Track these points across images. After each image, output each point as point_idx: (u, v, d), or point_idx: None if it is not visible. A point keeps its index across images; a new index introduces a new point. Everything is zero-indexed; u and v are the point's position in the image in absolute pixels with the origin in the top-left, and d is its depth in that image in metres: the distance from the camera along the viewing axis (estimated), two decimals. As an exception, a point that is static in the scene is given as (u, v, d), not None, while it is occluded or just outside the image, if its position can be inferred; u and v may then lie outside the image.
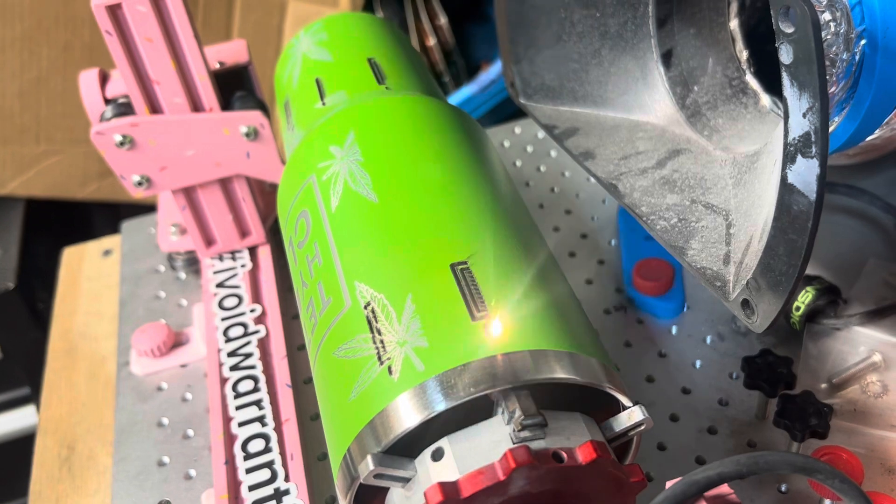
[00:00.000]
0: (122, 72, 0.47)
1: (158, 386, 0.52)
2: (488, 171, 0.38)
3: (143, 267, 0.61)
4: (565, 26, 0.47)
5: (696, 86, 0.46)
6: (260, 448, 0.45)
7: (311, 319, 0.35)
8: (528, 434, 0.28)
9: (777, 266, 0.31)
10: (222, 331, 0.51)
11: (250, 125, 0.50)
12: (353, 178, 0.36)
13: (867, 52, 0.36)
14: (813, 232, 0.29)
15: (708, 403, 0.46)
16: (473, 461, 0.28)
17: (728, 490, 0.29)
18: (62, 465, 0.51)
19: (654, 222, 0.40)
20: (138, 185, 0.51)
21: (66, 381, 0.56)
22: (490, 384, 0.28)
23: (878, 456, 0.43)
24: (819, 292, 0.47)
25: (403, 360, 0.30)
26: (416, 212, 0.34)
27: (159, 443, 0.48)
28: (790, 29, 0.27)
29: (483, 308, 0.30)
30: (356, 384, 0.31)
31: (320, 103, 0.42)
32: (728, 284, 0.35)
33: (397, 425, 0.29)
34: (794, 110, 0.28)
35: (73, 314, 0.61)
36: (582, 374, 0.30)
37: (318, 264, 0.35)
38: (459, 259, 0.32)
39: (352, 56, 0.45)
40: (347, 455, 0.30)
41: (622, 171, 0.43)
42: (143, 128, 0.49)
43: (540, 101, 0.49)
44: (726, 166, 0.41)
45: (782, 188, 0.29)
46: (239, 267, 0.55)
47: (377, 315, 0.31)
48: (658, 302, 0.51)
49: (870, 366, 0.46)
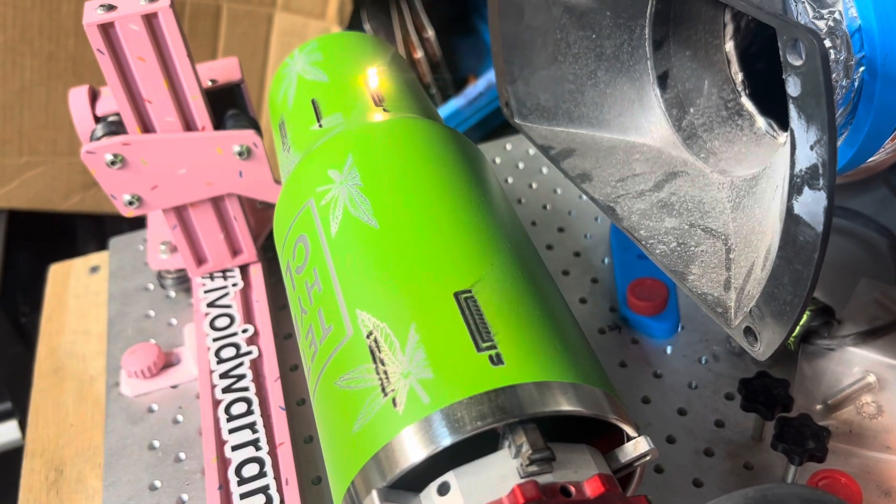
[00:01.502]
0: (113, 91, 0.47)
1: (149, 407, 0.51)
2: (488, 196, 0.38)
3: (132, 285, 0.60)
4: (561, 47, 0.47)
5: (692, 108, 0.46)
6: (254, 472, 0.44)
7: (311, 347, 0.35)
8: (535, 469, 0.28)
9: (781, 295, 0.31)
10: (214, 351, 0.51)
11: (243, 144, 0.49)
12: (352, 204, 0.36)
13: (866, 79, 0.36)
14: (819, 263, 0.29)
15: (704, 425, 0.46)
16: (481, 496, 0.28)
17: (735, 522, 0.29)
18: (50, 488, 0.50)
19: (654, 246, 0.40)
20: (129, 204, 0.50)
21: (53, 401, 0.55)
22: (497, 418, 0.28)
23: (874, 478, 0.43)
24: (814, 313, 0.48)
25: (408, 392, 0.29)
26: (419, 238, 0.34)
27: (151, 466, 0.48)
28: (798, 62, 0.27)
29: (488, 338, 0.30)
30: (359, 416, 0.30)
31: (317, 125, 0.42)
32: (729, 311, 0.35)
33: (403, 460, 0.28)
34: (801, 142, 0.28)
35: (60, 332, 0.60)
36: (587, 406, 0.29)
37: (317, 291, 0.35)
38: (463, 287, 0.32)
39: (347, 76, 0.44)
40: (352, 488, 0.30)
41: (619, 193, 0.43)
42: (135, 147, 0.48)
43: (535, 122, 0.49)
44: (724, 190, 0.41)
45: (788, 219, 0.29)
46: (230, 286, 0.55)
47: (380, 345, 0.31)
48: (652, 322, 0.51)
49: (864, 387, 0.46)
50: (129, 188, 0.50)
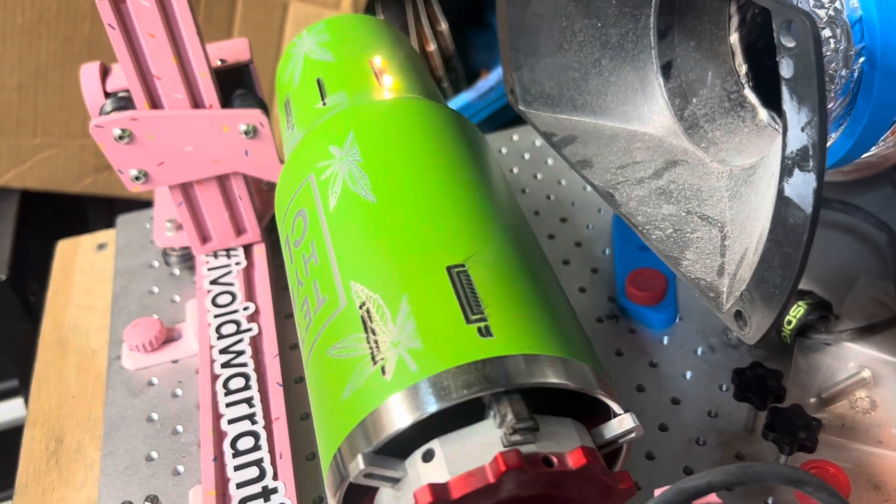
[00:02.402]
0: (123, 66, 0.47)
1: (149, 381, 0.52)
2: (486, 176, 0.38)
3: (138, 262, 0.60)
4: (566, 35, 0.47)
5: (695, 98, 0.46)
6: (249, 446, 0.45)
7: (306, 318, 0.35)
8: (519, 438, 0.28)
9: (771, 278, 0.31)
10: (215, 328, 0.51)
11: (249, 123, 0.50)
12: (351, 179, 0.36)
13: (866, 70, 0.36)
14: (808, 245, 0.29)
15: (697, 414, 0.46)
16: (464, 463, 0.28)
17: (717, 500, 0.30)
18: (50, 457, 0.51)
19: (650, 232, 0.40)
20: (136, 179, 0.51)
21: (56, 373, 0.56)
22: (483, 387, 0.28)
23: (864, 472, 0.43)
24: (811, 307, 0.48)
25: (397, 361, 0.30)
26: (414, 214, 0.34)
27: (148, 438, 0.48)
28: (791, 43, 0.27)
29: (478, 311, 0.31)
30: (349, 383, 0.31)
31: (321, 103, 0.42)
32: (722, 296, 0.35)
33: (389, 426, 0.29)
34: (792, 124, 0.28)
35: (65, 307, 0.61)
36: (574, 380, 0.30)
37: (314, 263, 0.36)
38: (456, 262, 0.32)
39: (353, 57, 0.45)
40: (338, 454, 0.30)
41: (619, 180, 0.43)
42: (143, 122, 0.49)
43: (539, 109, 0.49)
44: (722, 179, 0.42)
45: (779, 201, 0.30)
46: (233, 264, 0.55)
47: (372, 315, 0.31)
48: (650, 312, 0.51)
49: (859, 382, 0.47)
50: (136, 163, 0.50)
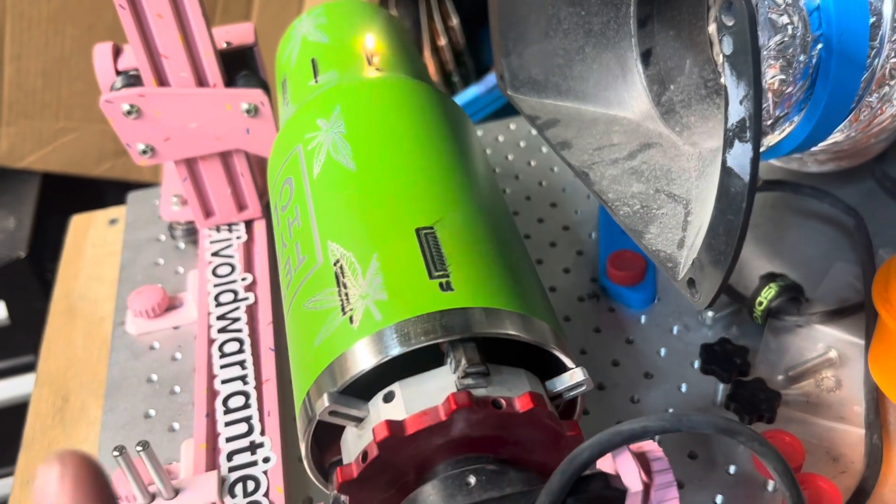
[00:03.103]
0: (132, 45, 0.50)
1: (151, 345, 0.54)
2: (463, 150, 0.40)
3: (145, 235, 0.63)
4: (552, 23, 0.50)
5: (673, 85, 0.48)
6: (240, 404, 0.47)
7: (288, 276, 0.38)
8: (471, 381, 0.30)
9: (717, 245, 0.33)
10: (214, 296, 0.54)
11: (251, 102, 0.53)
12: (335, 149, 0.39)
13: (823, 56, 0.38)
14: (747, 212, 0.31)
15: (667, 388, 0.48)
16: (420, 403, 0.30)
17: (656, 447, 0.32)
18: (55, 414, 0.53)
19: (619, 208, 0.42)
20: (143, 153, 0.54)
21: (64, 338, 0.59)
22: (440, 335, 0.31)
23: (825, 445, 0.45)
24: (781, 289, 0.50)
25: (364, 311, 0.32)
26: (390, 180, 0.37)
27: (147, 397, 0.51)
28: (731, 22, 0.29)
29: (442, 268, 0.33)
30: (320, 332, 0.33)
31: (313, 81, 0.45)
32: (679, 266, 0.38)
33: (353, 368, 0.31)
34: (732, 98, 0.30)
35: (75, 277, 0.64)
36: (528, 333, 0.32)
37: (297, 226, 0.38)
38: (425, 224, 0.35)
39: (347, 39, 0.47)
40: (307, 396, 0.33)
41: (595, 160, 0.45)
42: (150, 99, 0.52)
43: (526, 94, 0.51)
44: (692, 160, 0.44)
45: (722, 171, 0.32)
46: (234, 238, 0.58)
47: (345, 271, 0.34)
48: (630, 292, 0.53)
49: (825, 361, 0.48)
50: (143, 138, 0.53)
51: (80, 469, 0.23)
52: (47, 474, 0.23)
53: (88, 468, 0.23)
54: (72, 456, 0.23)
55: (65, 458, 0.23)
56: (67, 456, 0.23)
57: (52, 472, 0.23)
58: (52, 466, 0.23)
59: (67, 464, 0.23)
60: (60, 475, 0.23)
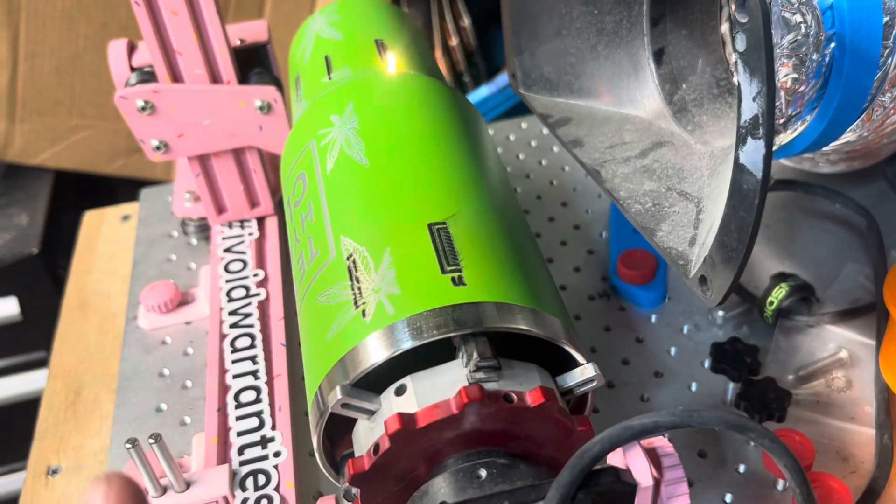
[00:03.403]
0: (147, 41, 0.51)
1: (163, 340, 0.55)
2: (475, 146, 0.41)
3: (158, 231, 0.64)
4: (565, 21, 0.50)
5: (685, 84, 0.48)
6: (251, 399, 0.47)
7: (301, 270, 0.38)
8: (482, 376, 0.31)
9: (729, 242, 0.33)
10: (226, 292, 0.54)
11: (264, 99, 0.53)
12: (348, 144, 0.39)
13: (836, 55, 0.38)
14: (759, 209, 0.31)
15: (677, 387, 0.48)
16: (431, 397, 0.30)
17: (666, 443, 0.32)
18: (68, 407, 0.54)
19: (630, 206, 0.42)
20: (156, 149, 0.54)
21: (77, 332, 0.59)
22: (451, 329, 0.31)
23: (835, 445, 0.45)
24: (792, 289, 0.49)
25: (377, 305, 0.32)
26: (402, 176, 0.37)
27: (159, 391, 0.52)
28: (745, 19, 0.29)
29: (454, 263, 0.33)
30: (333, 326, 0.33)
31: (327, 77, 0.45)
32: (690, 263, 0.38)
33: (366, 360, 0.31)
34: (745, 94, 0.30)
35: (88, 272, 0.64)
36: (539, 328, 0.32)
37: (310, 221, 0.38)
38: (437, 220, 0.35)
39: (360, 36, 0.48)
40: (319, 389, 0.33)
41: (607, 158, 0.46)
42: (164, 95, 0.52)
43: (538, 92, 0.51)
44: (704, 158, 0.44)
45: (735, 168, 0.32)
46: (246, 235, 0.59)
47: (357, 265, 0.34)
48: (640, 291, 0.53)
49: (836, 361, 0.48)
50: (157, 133, 0.54)
51: (123, 489, 0.27)
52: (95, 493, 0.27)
53: (131, 488, 0.27)
54: (117, 478, 0.27)
55: (111, 479, 0.27)
56: (113, 477, 0.27)
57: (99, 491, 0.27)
58: (100, 486, 0.27)
59: (113, 484, 0.27)
60: (105, 494, 0.26)
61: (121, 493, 0.27)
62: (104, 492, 0.26)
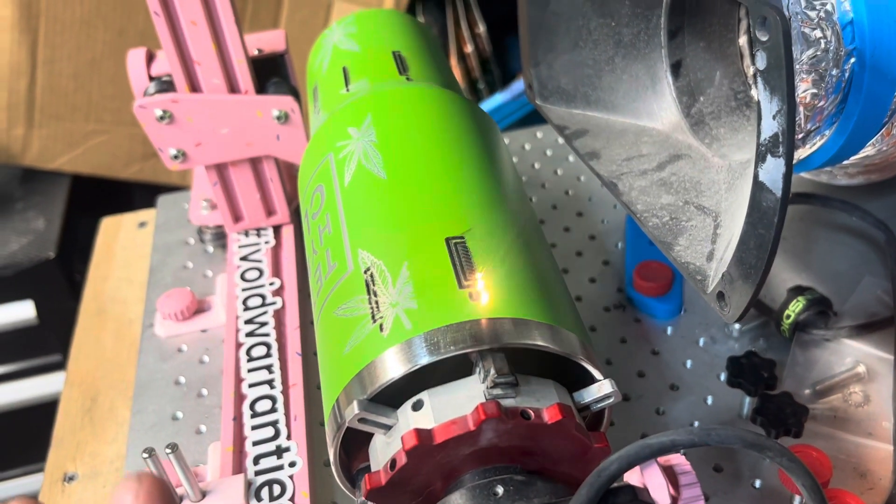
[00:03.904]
0: (166, 51, 0.51)
1: (179, 348, 0.55)
2: (493, 160, 0.41)
3: (175, 238, 0.64)
4: (582, 33, 0.50)
5: (703, 96, 0.48)
6: (266, 408, 0.48)
7: (318, 283, 0.38)
8: (500, 392, 0.31)
9: (748, 259, 0.33)
10: (242, 300, 0.54)
11: (282, 109, 0.53)
12: (366, 157, 0.39)
13: (856, 70, 0.38)
14: (779, 227, 0.31)
15: (693, 400, 0.48)
16: (449, 412, 0.30)
17: (684, 461, 0.32)
18: (84, 414, 0.54)
19: (647, 219, 0.42)
20: (174, 158, 0.54)
21: (94, 339, 0.60)
22: (469, 344, 0.31)
23: (852, 461, 0.45)
24: (809, 302, 0.49)
25: (394, 319, 0.32)
26: (421, 189, 0.37)
27: (175, 399, 0.52)
28: (765, 37, 0.29)
29: (472, 278, 0.33)
30: (350, 339, 0.33)
31: (345, 89, 0.45)
32: (708, 279, 0.37)
33: (383, 375, 0.31)
34: (765, 113, 0.30)
35: (105, 279, 0.64)
36: (556, 344, 0.32)
37: (328, 233, 0.38)
38: (455, 234, 0.35)
39: (378, 48, 0.48)
40: (337, 403, 0.33)
41: (624, 171, 0.45)
42: (183, 104, 0.52)
43: (554, 104, 0.51)
44: (722, 172, 0.44)
45: (754, 186, 0.32)
46: (263, 243, 0.59)
47: (375, 279, 0.34)
48: (656, 303, 0.53)
49: (853, 376, 0.48)
50: (175, 143, 0.54)
51: (153, 487, 0.28)
52: (125, 491, 0.27)
53: (160, 486, 0.28)
54: (147, 476, 0.28)
55: (141, 478, 0.28)
56: (144, 476, 0.28)
57: (129, 489, 0.27)
58: (131, 484, 0.28)
59: (143, 482, 0.28)
60: (136, 492, 0.27)
61: (151, 491, 0.27)
62: (135, 490, 0.27)
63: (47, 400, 1.02)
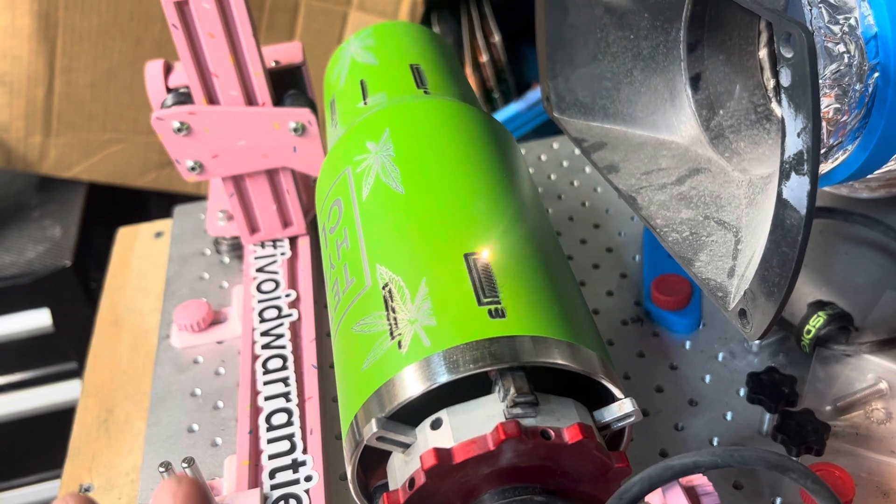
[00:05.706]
0: (184, 63, 0.51)
1: (195, 359, 0.55)
2: (511, 174, 0.40)
3: (191, 249, 0.64)
4: (601, 46, 0.49)
5: (722, 110, 0.48)
6: (282, 421, 0.47)
7: (336, 297, 0.38)
8: (520, 411, 0.30)
9: (770, 277, 0.33)
10: (258, 312, 0.54)
11: (299, 121, 0.53)
12: (384, 172, 0.39)
13: (880, 85, 0.38)
14: (803, 245, 0.31)
15: (713, 416, 0.48)
16: (468, 431, 0.30)
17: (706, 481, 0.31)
18: (100, 425, 0.54)
19: (667, 234, 0.42)
20: (191, 169, 0.54)
21: (110, 350, 0.60)
22: (488, 363, 0.31)
23: (874, 479, 0.44)
24: (830, 317, 0.49)
25: (413, 337, 0.32)
26: (439, 205, 0.37)
27: (191, 411, 0.52)
28: (790, 54, 0.29)
29: (491, 295, 0.33)
30: (369, 356, 0.33)
31: (362, 102, 0.45)
32: (729, 296, 0.37)
33: (402, 394, 0.31)
34: (790, 130, 0.30)
35: (122, 289, 0.65)
36: (577, 362, 0.32)
37: (346, 248, 0.38)
38: (474, 250, 0.35)
39: (395, 61, 0.48)
40: (355, 420, 0.33)
41: (643, 185, 0.45)
42: (200, 116, 0.53)
43: (572, 116, 0.51)
44: (742, 187, 0.43)
45: (778, 203, 0.31)
46: (279, 254, 0.59)
47: (393, 295, 0.34)
48: (674, 317, 0.53)
49: (875, 392, 0.47)
50: (192, 154, 0.54)
51: (191, 489, 0.29)
52: (164, 492, 0.28)
53: (198, 487, 0.29)
54: (186, 478, 0.29)
55: (180, 480, 0.29)
56: (183, 478, 0.29)
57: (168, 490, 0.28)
58: (169, 486, 0.29)
59: (182, 484, 0.29)
60: (174, 493, 0.28)
61: (189, 492, 0.28)
62: (173, 491, 0.28)
63: (63, 407, 1.02)
